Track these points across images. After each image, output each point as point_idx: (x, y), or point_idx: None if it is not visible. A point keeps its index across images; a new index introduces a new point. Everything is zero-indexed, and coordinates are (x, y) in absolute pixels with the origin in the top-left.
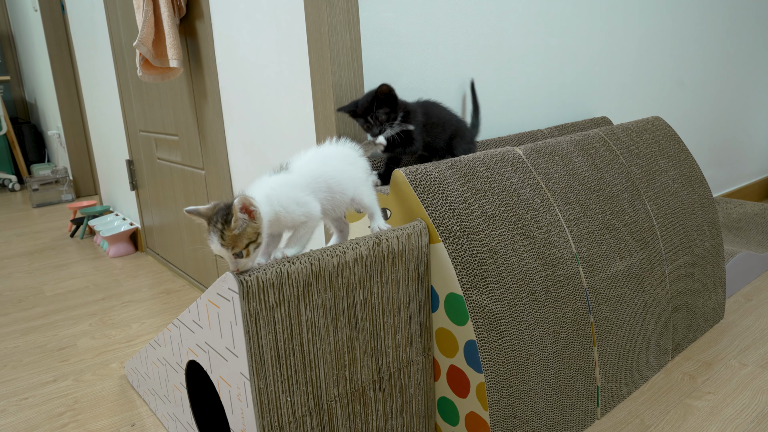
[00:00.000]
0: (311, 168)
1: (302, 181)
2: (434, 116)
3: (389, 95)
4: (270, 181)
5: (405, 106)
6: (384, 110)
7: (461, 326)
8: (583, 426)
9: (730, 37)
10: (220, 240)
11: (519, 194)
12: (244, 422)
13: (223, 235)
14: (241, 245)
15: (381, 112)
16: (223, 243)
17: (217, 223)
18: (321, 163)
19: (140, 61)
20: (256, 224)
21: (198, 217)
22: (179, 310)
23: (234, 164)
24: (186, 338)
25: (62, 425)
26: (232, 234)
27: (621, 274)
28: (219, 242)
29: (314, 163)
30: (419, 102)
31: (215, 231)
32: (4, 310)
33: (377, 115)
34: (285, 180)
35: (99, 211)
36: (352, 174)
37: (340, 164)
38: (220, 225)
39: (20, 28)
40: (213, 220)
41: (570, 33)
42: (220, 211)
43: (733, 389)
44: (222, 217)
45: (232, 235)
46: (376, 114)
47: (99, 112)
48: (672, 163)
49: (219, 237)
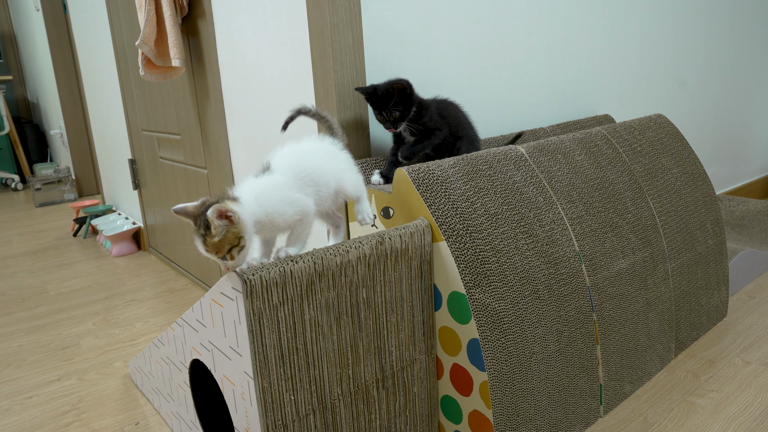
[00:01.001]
0: (289, 164)
1: (286, 180)
2: (449, 116)
3: (402, 92)
4: (257, 185)
5: (420, 103)
6: (398, 108)
7: (464, 325)
8: (586, 424)
9: (733, 34)
10: (202, 244)
11: (522, 192)
12: (248, 421)
13: (205, 241)
14: (223, 250)
15: (395, 110)
16: (207, 249)
17: (200, 228)
18: (298, 157)
19: (142, 60)
20: (236, 229)
21: (186, 218)
22: (182, 309)
23: (236, 163)
24: (190, 337)
25: (66, 424)
26: (213, 241)
27: (624, 272)
28: (202, 246)
29: (291, 159)
30: (436, 100)
31: (198, 236)
32: (8, 310)
33: (391, 112)
34: (270, 181)
35: (102, 211)
36: (332, 166)
37: (317, 158)
38: (202, 230)
39: (22, 27)
40: (197, 223)
41: (572, 31)
42: (202, 216)
43: (736, 387)
44: (203, 223)
45: (213, 242)
46: (390, 111)
47: (101, 111)
48: (675, 161)
49: (202, 243)
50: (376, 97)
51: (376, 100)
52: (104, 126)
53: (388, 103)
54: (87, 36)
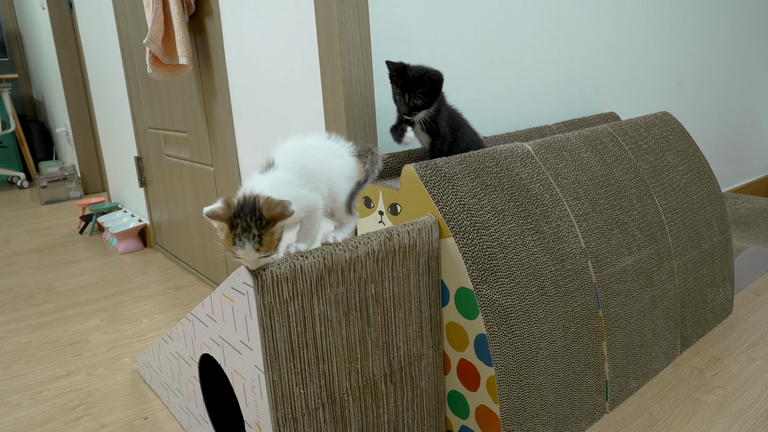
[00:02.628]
0: (291, 159)
1: (290, 176)
2: (454, 124)
3: (434, 85)
4: (263, 182)
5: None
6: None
7: (471, 320)
8: (592, 420)
9: (739, 31)
10: (256, 245)
11: (528, 189)
12: (258, 414)
13: (261, 240)
14: (275, 245)
15: (420, 97)
16: (260, 248)
17: (250, 229)
18: (301, 152)
19: (150, 58)
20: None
21: (217, 221)
22: (189, 305)
23: (243, 161)
24: (199, 332)
25: (76, 418)
26: (272, 238)
27: (630, 269)
28: (254, 248)
29: (293, 153)
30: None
31: (249, 238)
32: (16, 306)
33: (415, 98)
34: (277, 178)
35: (108, 208)
36: (333, 165)
37: (321, 155)
38: (255, 231)
39: (28, 26)
40: (242, 225)
41: (578, 28)
42: (248, 216)
43: (741, 384)
44: (255, 222)
45: (273, 239)
46: (415, 96)
47: (107, 109)
48: (680, 159)
49: (256, 243)
50: (404, 76)
51: (404, 81)
52: (110, 124)
53: (415, 88)
54: (93, 34)
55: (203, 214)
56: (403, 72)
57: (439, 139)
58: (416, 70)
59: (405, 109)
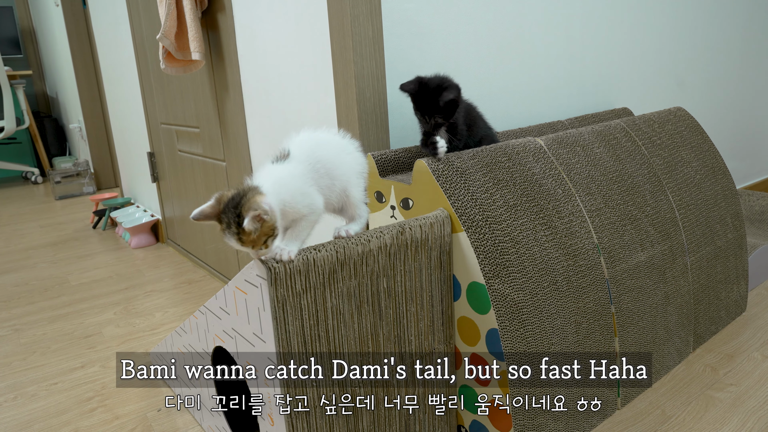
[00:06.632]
0: (306, 151)
1: (303, 170)
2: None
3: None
4: (275, 172)
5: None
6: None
7: (483, 315)
8: (603, 416)
9: (753, 27)
10: (238, 242)
11: (541, 185)
12: (270, 406)
13: (240, 238)
14: (260, 243)
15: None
16: (243, 244)
17: (231, 226)
18: (315, 145)
19: (163, 53)
20: (270, 222)
21: (207, 220)
22: (201, 299)
23: (255, 156)
24: (213, 324)
25: (91, 410)
26: (249, 238)
27: (642, 265)
28: (238, 243)
29: (307, 145)
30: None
31: (231, 234)
32: (32, 299)
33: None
34: (288, 171)
35: (121, 203)
36: (345, 161)
37: (333, 150)
38: (234, 228)
39: (42, 22)
40: (226, 222)
41: (591, 23)
42: (231, 212)
43: (755, 381)
44: (234, 220)
45: (250, 239)
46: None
47: (120, 105)
48: (694, 154)
49: (237, 240)
50: (421, 99)
51: (422, 103)
52: (123, 119)
53: (433, 111)
54: (106, 30)
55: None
56: (418, 95)
57: (456, 137)
58: (432, 92)
59: (428, 127)
